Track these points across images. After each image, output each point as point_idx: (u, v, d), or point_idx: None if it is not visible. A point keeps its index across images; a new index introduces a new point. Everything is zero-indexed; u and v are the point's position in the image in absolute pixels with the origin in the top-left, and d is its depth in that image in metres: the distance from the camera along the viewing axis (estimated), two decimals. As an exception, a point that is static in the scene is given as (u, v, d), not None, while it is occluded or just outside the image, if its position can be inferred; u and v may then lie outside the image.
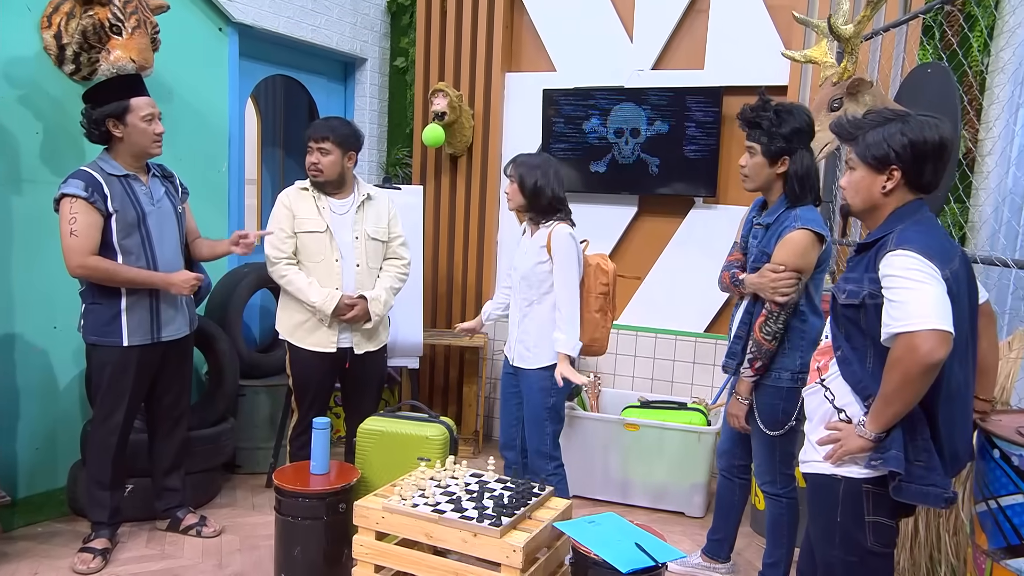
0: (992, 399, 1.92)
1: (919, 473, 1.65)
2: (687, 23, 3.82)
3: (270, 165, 4.67)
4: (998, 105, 3.05)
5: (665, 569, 2.19)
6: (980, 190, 3.04)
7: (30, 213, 2.87)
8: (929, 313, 1.57)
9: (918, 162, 1.70)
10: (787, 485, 2.52)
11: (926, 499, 1.66)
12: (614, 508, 3.33)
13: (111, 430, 2.69)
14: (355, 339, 2.93)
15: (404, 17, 4.48)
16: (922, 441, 1.66)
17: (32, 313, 2.92)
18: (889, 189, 1.73)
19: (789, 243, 2.31)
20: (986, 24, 3.22)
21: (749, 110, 2.40)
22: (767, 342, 2.34)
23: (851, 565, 1.76)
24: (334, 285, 2.86)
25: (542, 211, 2.72)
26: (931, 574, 2.49)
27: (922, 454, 1.66)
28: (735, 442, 2.67)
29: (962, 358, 1.70)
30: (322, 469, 2.63)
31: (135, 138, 2.63)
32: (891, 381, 1.62)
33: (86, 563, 2.62)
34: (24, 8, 2.81)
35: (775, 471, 2.50)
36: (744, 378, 2.42)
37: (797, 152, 2.36)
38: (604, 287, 2.76)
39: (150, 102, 2.66)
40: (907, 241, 1.65)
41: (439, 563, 2.22)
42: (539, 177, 2.67)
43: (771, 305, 2.32)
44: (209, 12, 3.48)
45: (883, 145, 1.70)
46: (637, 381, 3.99)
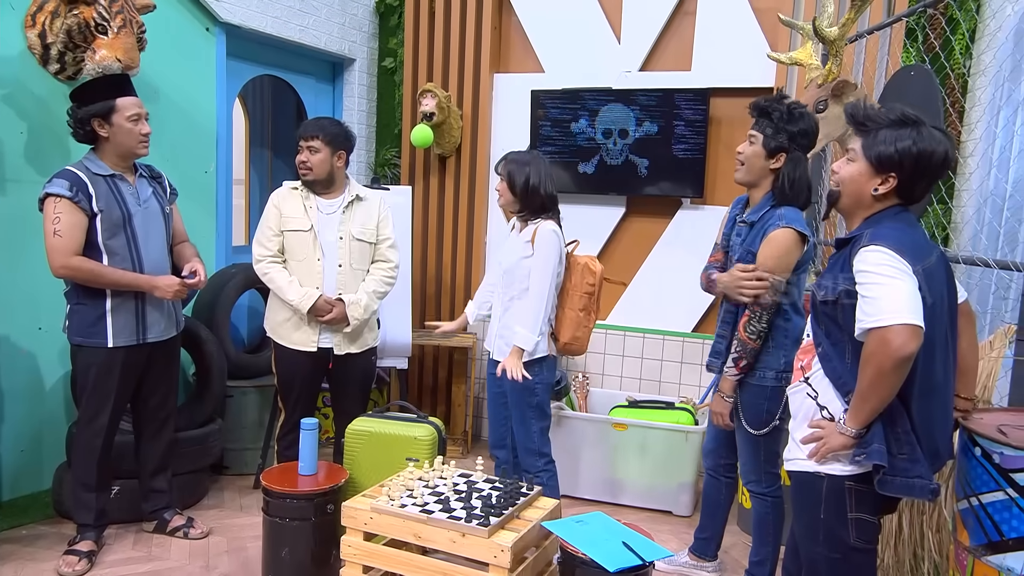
0: (974, 398, 1.94)
1: (903, 466, 1.67)
2: (674, 25, 3.84)
3: (258, 166, 4.65)
4: (980, 107, 3.09)
5: (652, 568, 2.20)
6: (962, 191, 3.07)
7: (14, 213, 2.84)
8: (900, 308, 1.59)
9: (916, 175, 1.70)
10: (772, 484, 2.53)
11: (911, 491, 1.67)
12: (602, 507, 3.34)
13: (97, 431, 2.67)
14: (336, 340, 2.93)
15: (392, 17, 4.47)
16: (903, 434, 1.67)
17: (16, 314, 2.89)
18: (881, 193, 1.73)
19: (773, 241, 2.32)
20: (968, 28, 3.26)
21: (764, 100, 2.41)
22: (752, 341, 2.35)
23: (835, 562, 1.78)
24: (314, 284, 2.86)
25: (534, 209, 2.72)
26: (915, 571, 2.51)
27: (904, 447, 1.67)
28: (720, 441, 2.68)
29: (942, 356, 1.72)
30: (310, 470, 2.62)
31: (120, 138, 2.61)
32: (866, 376, 1.64)
33: (71, 566, 2.60)
34: (8, 7, 2.79)
35: (760, 470, 2.52)
36: (728, 376, 2.43)
37: (795, 153, 2.36)
38: (590, 287, 2.77)
39: (137, 102, 2.65)
40: (880, 237, 1.67)
41: (427, 563, 2.22)
42: (531, 174, 2.68)
43: (754, 305, 2.34)
44: (196, 12, 3.46)
45: (892, 149, 1.68)
46: (625, 381, 4.00)
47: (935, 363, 1.70)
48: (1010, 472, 1.68)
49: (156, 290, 2.65)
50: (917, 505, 2.51)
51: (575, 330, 2.76)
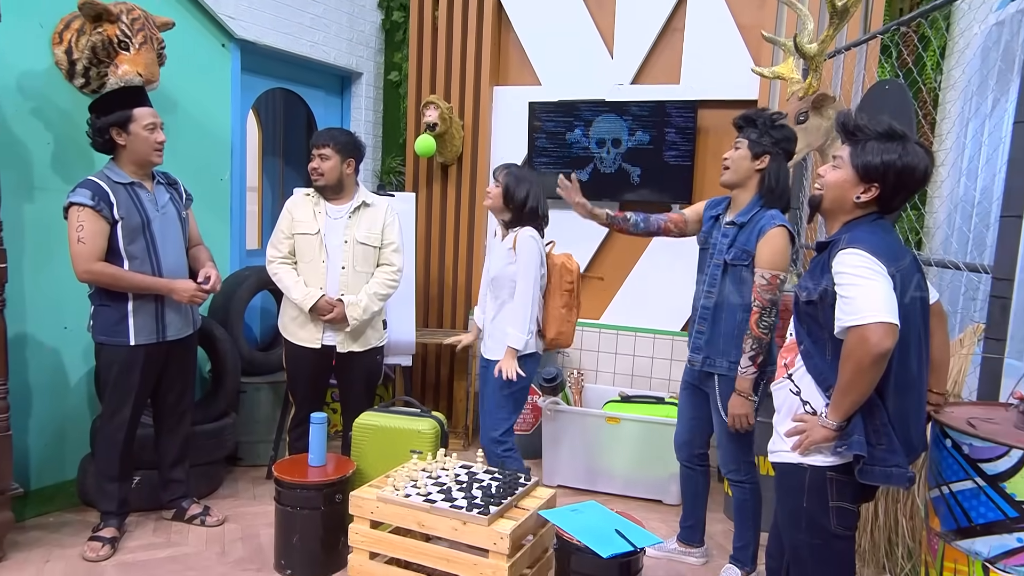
0: (945, 392, 1.95)
1: (881, 456, 1.69)
2: (664, 40, 3.86)
3: (270, 174, 4.66)
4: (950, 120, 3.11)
5: (643, 554, 2.21)
6: (934, 198, 3.09)
7: (41, 219, 2.85)
8: (877, 307, 1.61)
9: (898, 187, 1.71)
10: (749, 472, 2.55)
11: (889, 479, 1.69)
12: (596, 497, 3.36)
13: (119, 425, 2.69)
14: (339, 338, 2.95)
15: (398, 34, 4.49)
16: (880, 426, 1.69)
17: (43, 314, 2.90)
18: (863, 201, 1.74)
19: (772, 240, 2.33)
20: (938, 45, 3.28)
21: (748, 111, 2.47)
22: (765, 336, 2.35)
23: (816, 547, 1.79)
24: (319, 285, 2.90)
25: (519, 220, 2.74)
26: (889, 555, 2.53)
27: (883, 438, 1.69)
28: (695, 433, 2.69)
29: (916, 353, 1.73)
30: (319, 461, 2.64)
31: (137, 146, 2.62)
32: (846, 372, 1.66)
33: (95, 551, 2.62)
34: (36, 25, 2.80)
35: (739, 460, 2.54)
36: (747, 376, 2.37)
37: (777, 156, 2.40)
38: (569, 284, 2.79)
39: (152, 112, 2.66)
40: (857, 241, 1.69)
41: (431, 550, 2.24)
42: (530, 195, 2.70)
43: (762, 302, 2.34)
44: (213, 29, 3.47)
45: (878, 160, 1.69)
46: (618, 377, 4.01)
47: (910, 360, 1.72)
48: (978, 462, 1.70)
49: (174, 293, 2.66)
50: (892, 493, 2.53)
51: (559, 326, 2.79)
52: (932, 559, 1.86)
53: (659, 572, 2.74)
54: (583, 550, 2.09)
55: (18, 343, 2.82)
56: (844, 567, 1.81)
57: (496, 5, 4.10)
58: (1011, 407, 1.93)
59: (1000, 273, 2.00)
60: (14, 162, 2.76)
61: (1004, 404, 2.00)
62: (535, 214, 2.74)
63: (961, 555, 1.74)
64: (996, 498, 1.66)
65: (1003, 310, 2.00)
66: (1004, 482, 1.65)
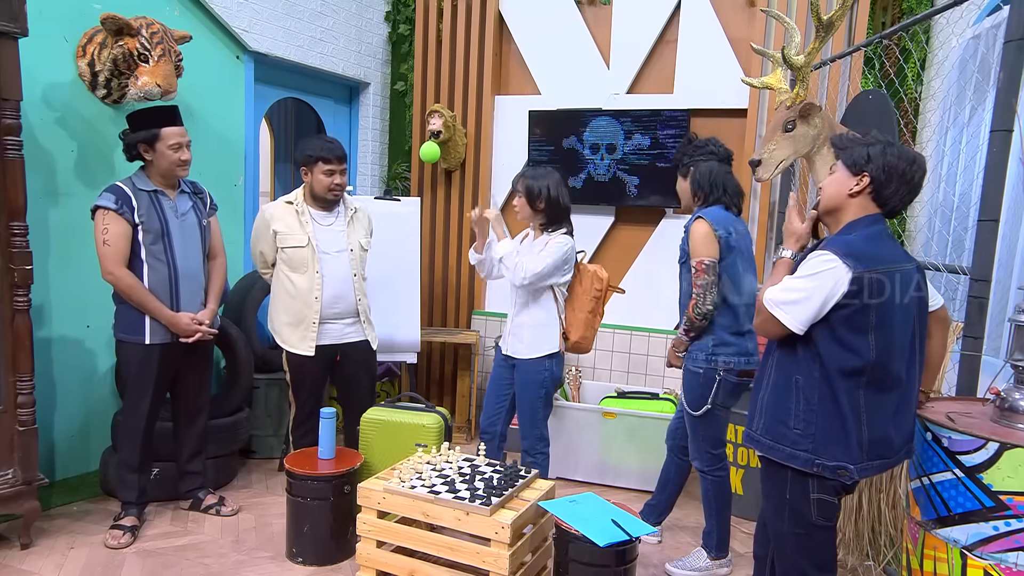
0: (930, 391, 1.95)
1: (794, 438, 1.75)
2: (658, 52, 3.87)
3: (282, 179, 4.68)
4: (930, 128, 3.12)
5: (638, 543, 2.23)
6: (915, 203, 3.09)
7: (65, 223, 2.87)
8: (780, 299, 1.70)
9: (888, 174, 1.70)
10: (712, 464, 2.56)
11: (795, 461, 1.75)
12: (593, 488, 3.37)
13: (139, 419, 2.70)
14: (335, 335, 2.87)
15: (404, 46, 4.50)
16: (804, 412, 1.74)
17: (67, 313, 2.92)
18: (855, 191, 1.73)
19: (692, 233, 2.48)
20: (919, 57, 3.29)
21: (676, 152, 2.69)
22: (698, 319, 2.46)
23: (799, 536, 1.80)
24: (314, 295, 2.80)
25: (552, 219, 2.71)
26: (873, 543, 2.54)
27: (800, 423, 1.74)
28: (681, 424, 2.71)
29: (902, 355, 1.71)
30: (329, 454, 2.65)
31: (162, 162, 2.64)
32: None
33: (116, 539, 2.63)
34: (61, 39, 2.81)
35: (700, 450, 2.56)
36: (681, 340, 2.55)
37: (696, 163, 2.57)
38: (598, 292, 2.78)
39: (180, 132, 2.65)
40: (832, 243, 1.71)
41: (435, 539, 2.25)
42: (550, 186, 2.67)
43: (696, 288, 2.44)
44: (228, 42, 3.49)
45: (864, 153, 1.73)
46: (614, 374, 4.02)
47: (893, 361, 1.69)
48: (957, 454, 1.70)
49: (174, 328, 2.66)
50: (875, 484, 2.53)
51: (584, 330, 2.75)
52: (913, 547, 1.87)
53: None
54: (581, 539, 2.10)
55: (43, 341, 2.83)
56: (825, 555, 1.82)
57: (497, 18, 4.12)
58: (988, 402, 1.94)
59: (977, 274, 2.01)
60: (40, 169, 2.77)
61: (981, 399, 2.01)
62: (559, 206, 2.68)
63: (940, 543, 1.75)
64: (974, 488, 1.67)
65: (980, 309, 2.01)
66: (981, 473, 1.66)
